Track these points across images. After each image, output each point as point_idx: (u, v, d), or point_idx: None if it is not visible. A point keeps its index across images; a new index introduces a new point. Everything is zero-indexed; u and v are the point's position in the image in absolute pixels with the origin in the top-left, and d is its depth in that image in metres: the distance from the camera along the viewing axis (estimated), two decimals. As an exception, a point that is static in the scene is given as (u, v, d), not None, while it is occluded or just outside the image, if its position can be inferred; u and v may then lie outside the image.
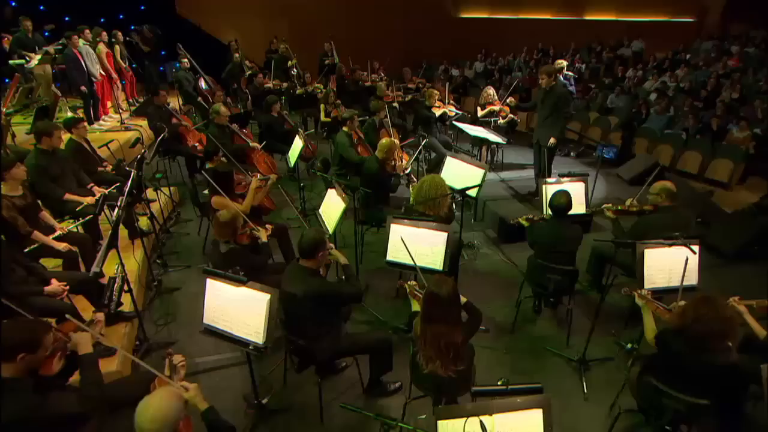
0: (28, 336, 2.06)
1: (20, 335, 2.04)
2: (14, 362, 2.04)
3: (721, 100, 8.94)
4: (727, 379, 2.42)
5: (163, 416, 1.71)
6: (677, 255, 3.24)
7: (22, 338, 2.04)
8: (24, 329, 2.08)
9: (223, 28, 11.49)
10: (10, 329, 2.05)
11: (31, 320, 2.26)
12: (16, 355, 2.02)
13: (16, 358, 2.03)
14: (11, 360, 2.03)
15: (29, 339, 2.05)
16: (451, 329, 2.42)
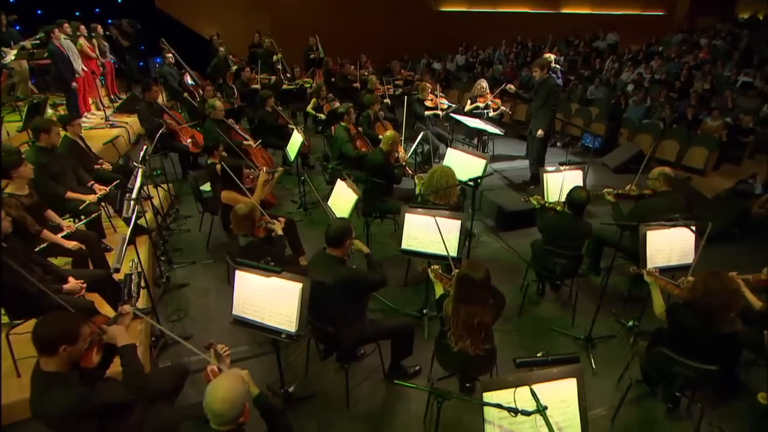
0: (67, 328, 2.09)
1: (59, 327, 2.07)
2: (57, 355, 2.07)
3: (694, 90, 9.40)
4: (731, 346, 2.65)
5: (233, 397, 1.78)
6: (676, 236, 3.48)
7: (61, 330, 2.07)
8: (61, 321, 2.11)
9: (203, 22, 11.30)
10: (48, 323, 2.09)
11: (65, 313, 2.29)
12: (58, 348, 2.06)
13: (58, 350, 2.06)
14: (54, 353, 2.06)
15: (68, 330, 2.09)
16: (483, 309, 2.56)
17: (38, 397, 2.05)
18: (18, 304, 3.07)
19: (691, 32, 13.39)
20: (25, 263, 3.11)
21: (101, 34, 8.47)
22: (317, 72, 9.78)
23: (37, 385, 2.08)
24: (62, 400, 2.03)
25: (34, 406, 2.10)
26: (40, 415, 2.09)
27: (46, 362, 2.07)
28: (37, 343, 2.04)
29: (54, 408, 2.02)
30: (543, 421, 2.01)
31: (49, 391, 2.04)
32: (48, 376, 2.07)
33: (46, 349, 2.04)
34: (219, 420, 1.79)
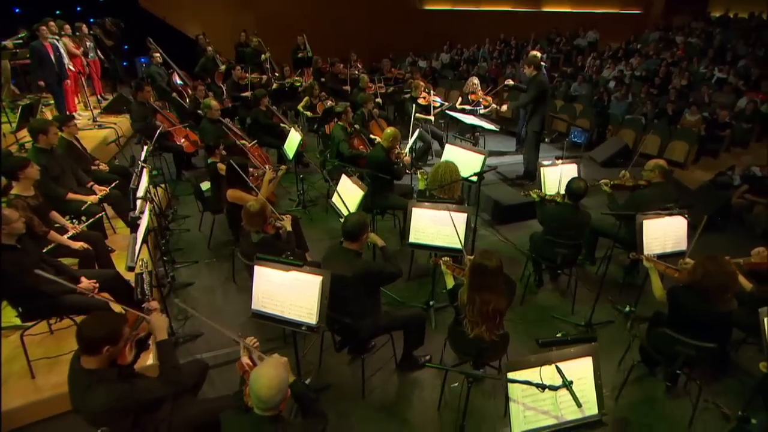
0: (111, 329, 2.14)
1: (104, 329, 2.12)
2: (100, 355, 2.12)
3: (673, 86, 9.76)
4: (727, 325, 2.84)
5: (278, 383, 1.87)
6: (670, 224, 3.69)
7: (106, 332, 2.12)
8: (106, 323, 2.16)
9: (187, 21, 11.19)
10: (94, 324, 2.13)
11: (109, 313, 2.32)
12: (102, 348, 2.11)
13: (102, 350, 2.11)
14: (98, 353, 2.11)
15: (112, 332, 2.14)
16: (498, 296, 2.69)
17: (81, 394, 2.10)
18: (32, 306, 3.08)
19: (667, 30, 13.85)
20: (38, 264, 3.12)
21: (85, 33, 8.35)
22: (306, 71, 9.80)
23: (79, 382, 2.12)
24: (105, 397, 2.08)
25: (77, 402, 2.14)
26: (82, 411, 2.13)
27: (88, 361, 2.12)
28: (81, 342, 2.09)
29: (97, 404, 2.07)
30: (566, 395, 2.16)
31: (92, 389, 2.08)
32: (89, 373, 2.11)
33: (91, 349, 2.09)
34: (264, 405, 1.87)
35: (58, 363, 3.35)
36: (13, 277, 2.92)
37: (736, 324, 3.25)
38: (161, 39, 8.62)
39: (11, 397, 3.11)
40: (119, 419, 2.18)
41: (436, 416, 3.25)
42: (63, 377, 3.25)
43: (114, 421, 2.17)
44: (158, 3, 10.73)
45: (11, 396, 3.11)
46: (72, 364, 2.21)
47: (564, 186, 4.06)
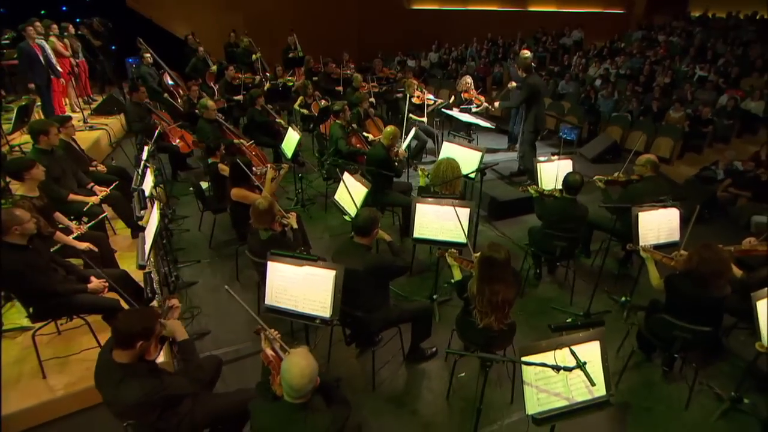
0: (146, 325, 2.21)
1: (139, 324, 2.18)
2: (133, 349, 2.17)
3: (657, 84, 10.05)
4: (722, 310, 3.01)
5: (310, 372, 1.95)
6: (663, 216, 3.86)
7: (142, 327, 2.18)
8: (141, 318, 2.22)
9: (175, 21, 11.12)
10: (130, 319, 2.19)
11: (143, 309, 2.37)
12: (136, 343, 2.17)
13: (135, 345, 2.17)
14: (131, 348, 2.17)
15: (147, 327, 2.21)
16: (507, 287, 2.81)
17: (113, 388, 2.15)
18: (44, 306, 3.10)
19: (650, 29, 14.21)
20: (49, 264, 3.14)
21: (72, 33, 8.26)
22: (297, 71, 9.84)
23: (111, 376, 2.17)
24: (138, 391, 2.14)
25: (108, 395, 2.19)
26: (114, 403, 2.18)
27: (120, 355, 2.17)
28: (117, 337, 2.14)
29: (130, 398, 2.12)
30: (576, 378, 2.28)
31: (125, 382, 2.14)
32: (122, 367, 2.17)
33: (125, 343, 2.15)
34: (296, 393, 1.95)
35: (68, 363, 3.39)
36: (26, 276, 2.94)
37: (728, 310, 3.43)
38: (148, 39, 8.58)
39: (24, 397, 3.13)
40: (147, 413, 2.24)
41: (446, 405, 3.36)
42: (74, 377, 3.32)
43: (142, 415, 2.23)
44: (145, 2, 10.65)
45: (24, 396, 3.13)
46: (102, 358, 2.26)
47: (560, 181, 4.21)
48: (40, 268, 3.02)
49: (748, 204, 6.60)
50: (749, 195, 6.67)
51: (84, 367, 3.35)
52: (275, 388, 2.16)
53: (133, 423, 2.30)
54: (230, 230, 5.43)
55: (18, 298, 3.19)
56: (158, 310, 2.59)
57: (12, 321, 3.68)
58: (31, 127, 4.15)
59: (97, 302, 3.24)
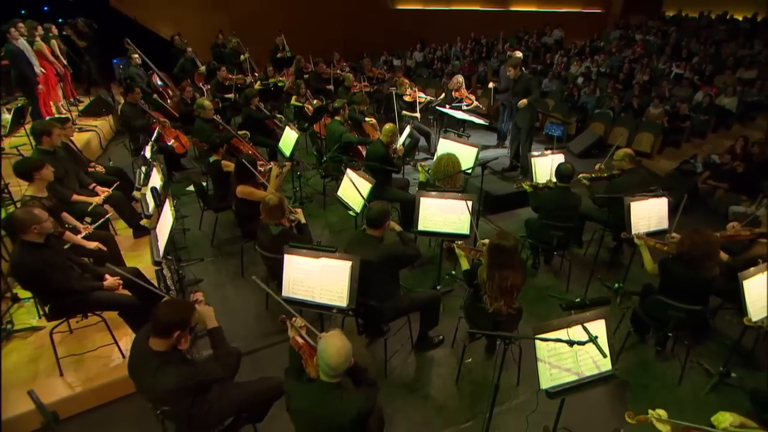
0: (184, 315, 2.31)
1: (178, 314, 2.29)
2: (170, 338, 2.27)
3: (636, 82, 10.44)
4: (710, 290, 3.25)
5: (346, 352, 2.09)
6: (653, 206, 4.10)
7: (180, 317, 2.29)
8: (179, 309, 2.32)
9: (160, 22, 11.06)
10: (169, 310, 2.29)
11: (181, 301, 2.46)
12: (174, 332, 2.27)
13: (173, 334, 2.27)
14: (168, 337, 2.27)
15: (184, 318, 2.31)
16: (515, 272, 2.99)
17: (151, 375, 2.24)
18: (62, 303, 3.15)
19: (627, 29, 14.68)
20: (66, 262, 3.20)
21: (56, 34, 8.17)
22: (286, 71, 9.89)
23: (149, 364, 2.26)
24: (175, 377, 2.24)
25: (146, 382, 2.28)
26: (152, 389, 2.27)
27: (157, 343, 2.27)
28: (157, 326, 2.24)
29: (168, 383, 2.22)
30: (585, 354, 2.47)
31: (162, 369, 2.23)
32: (159, 355, 2.27)
33: (164, 332, 2.24)
34: (333, 372, 2.08)
35: (84, 360, 3.44)
36: (46, 274, 2.99)
37: (714, 291, 3.67)
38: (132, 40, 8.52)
39: (42, 394, 3.13)
40: (182, 399, 2.33)
41: (456, 389, 3.52)
42: (90, 373, 3.38)
43: (177, 401, 2.32)
44: (129, 2, 10.55)
45: (42, 393, 3.13)
46: (138, 346, 2.35)
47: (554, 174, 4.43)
48: (58, 266, 3.08)
49: (725, 195, 6.96)
50: (726, 186, 7.03)
51: (100, 364, 3.41)
52: (309, 370, 2.28)
53: (167, 410, 2.40)
54: (232, 228, 5.51)
55: (36, 295, 3.23)
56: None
57: (22, 321, 3.70)
58: (33, 128, 4.16)
59: (113, 299, 3.30)
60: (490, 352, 3.81)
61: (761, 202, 6.20)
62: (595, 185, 4.80)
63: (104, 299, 3.26)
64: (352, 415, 2.07)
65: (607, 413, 3.32)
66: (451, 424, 3.25)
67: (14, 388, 3.17)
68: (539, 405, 3.09)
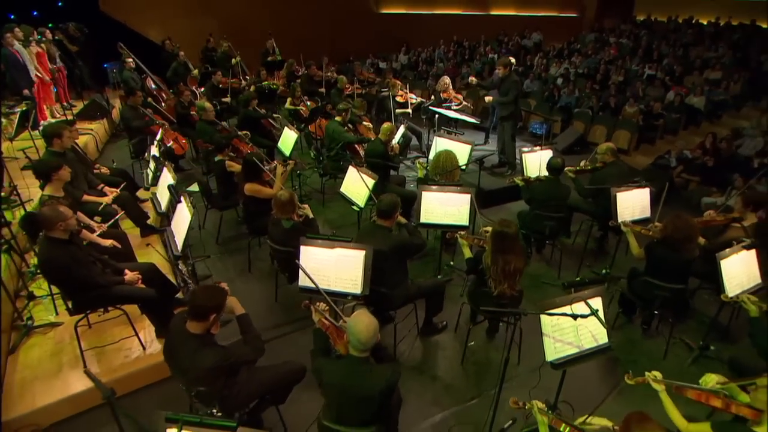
0: (219, 300, 2.45)
1: (214, 299, 2.42)
2: (206, 322, 2.40)
3: (612, 82, 10.83)
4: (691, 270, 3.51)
5: (374, 328, 2.25)
6: (636, 196, 4.36)
7: (216, 301, 2.43)
8: (215, 294, 2.45)
9: (149, 26, 10.99)
10: (206, 294, 2.42)
11: (215, 287, 2.57)
12: (210, 316, 2.40)
13: (209, 318, 2.40)
14: (205, 320, 2.40)
15: (219, 303, 2.45)
16: (517, 257, 3.19)
17: (190, 355, 2.36)
18: (86, 297, 3.22)
19: (601, 32, 15.17)
20: (88, 258, 3.27)
21: (50, 39, 8.11)
22: (277, 74, 9.96)
23: (187, 345, 2.39)
24: (212, 357, 2.37)
25: (184, 363, 2.40)
26: (190, 369, 2.39)
27: (195, 326, 2.40)
28: (195, 309, 2.37)
29: (206, 362, 2.35)
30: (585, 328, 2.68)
31: (200, 350, 2.36)
32: (196, 337, 2.40)
33: (201, 315, 2.37)
34: (363, 347, 2.24)
35: (106, 352, 3.52)
36: (71, 269, 3.07)
37: (693, 272, 3.94)
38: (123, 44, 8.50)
39: (68, 385, 3.24)
40: (216, 379, 2.46)
41: (461, 370, 3.71)
42: (113, 365, 3.46)
43: (213, 381, 2.44)
44: (119, 7, 10.46)
45: (68, 384, 3.24)
46: (175, 332, 2.47)
47: (543, 169, 4.67)
48: (82, 262, 3.16)
49: (698, 187, 7.35)
50: (698, 179, 7.43)
51: (122, 356, 3.49)
52: (338, 347, 2.44)
53: (201, 390, 2.52)
54: (236, 227, 5.61)
55: (62, 290, 3.29)
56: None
57: (41, 318, 3.75)
58: (44, 131, 4.20)
59: (134, 293, 3.38)
60: (490, 336, 4.01)
61: (730, 194, 6.56)
62: (580, 178, 5.05)
63: (126, 293, 3.35)
64: (382, 386, 2.24)
65: (601, 387, 3.55)
66: (458, 401, 3.43)
67: (39, 380, 3.25)
68: (541, 380, 3.31)
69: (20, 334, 3.56)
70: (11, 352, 3.44)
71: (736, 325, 4.12)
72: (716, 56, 11.55)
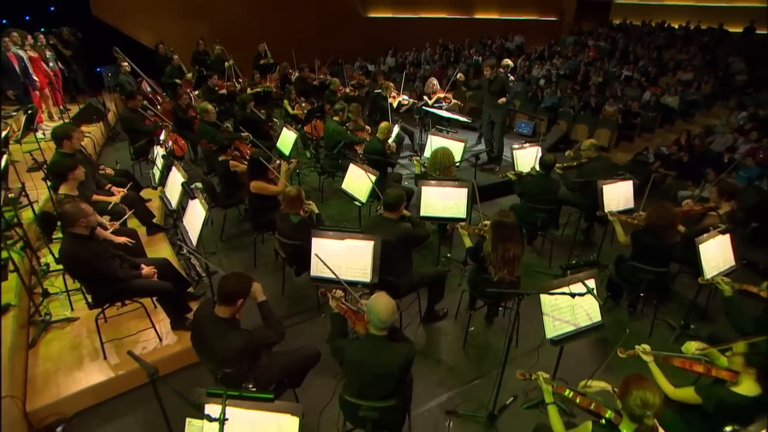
0: (245, 285, 2.59)
1: (241, 284, 2.56)
2: (233, 306, 2.53)
3: (592, 83, 11.18)
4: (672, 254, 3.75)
5: (392, 306, 2.41)
6: (620, 188, 4.61)
7: (243, 287, 2.57)
8: (241, 280, 2.59)
9: (140, 30, 10.96)
10: (233, 281, 2.55)
11: (241, 274, 2.68)
12: (237, 300, 2.53)
13: (236, 302, 2.53)
14: (233, 304, 2.53)
15: (246, 288, 2.59)
16: (515, 245, 3.38)
17: (219, 338, 2.49)
18: (107, 290, 3.30)
19: (580, 35, 15.58)
20: (108, 253, 3.36)
21: (45, 43, 8.06)
22: (269, 77, 10.04)
23: (217, 328, 2.51)
24: (240, 339, 2.50)
25: (214, 345, 2.52)
26: (219, 351, 2.51)
27: (223, 310, 2.52)
28: (224, 294, 2.50)
29: (235, 344, 2.48)
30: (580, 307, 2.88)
31: (229, 333, 2.50)
32: (225, 321, 2.53)
33: (229, 299, 2.51)
34: (383, 325, 2.39)
35: (124, 344, 3.60)
36: (93, 263, 3.15)
37: (674, 258, 4.18)
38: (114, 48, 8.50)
39: (89, 376, 3.32)
40: (243, 360, 2.59)
41: (463, 353, 3.89)
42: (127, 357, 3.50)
43: (240, 362, 2.57)
44: (110, 12, 10.41)
45: (89, 375, 3.32)
46: (204, 317, 2.59)
47: (532, 163, 4.91)
48: (103, 257, 3.24)
49: (674, 181, 7.68)
50: (674, 174, 7.76)
51: (140, 347, 3.58)
52: (358, 329, 2.59)
53: (228, 372, 2.64)
54: (238, 224, 5.71)
55: (84, 284, 3.36)
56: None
57: (57, 313, 3.81)
58: (54, 132, 4.25)
59: (152, 286, 3.48)
60: (489, 321, 4.20)
61: (704, 187, 6.89)
62: (567, 173, 5.30)
63: (144, 286, 3.44)
64: (401, 361, 2.40)
65: (593, 365, 3.72)
66: (462, 382, 3.61)
67: (61, 372, 3.32)
68: (539, 359, 3.51)
69: (39, 329, 3.62)
70: (31, 346, 3.50)
71: (713, 306, 4.39)
72: (688, 58, 12.00)
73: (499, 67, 6.40)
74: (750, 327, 3.01)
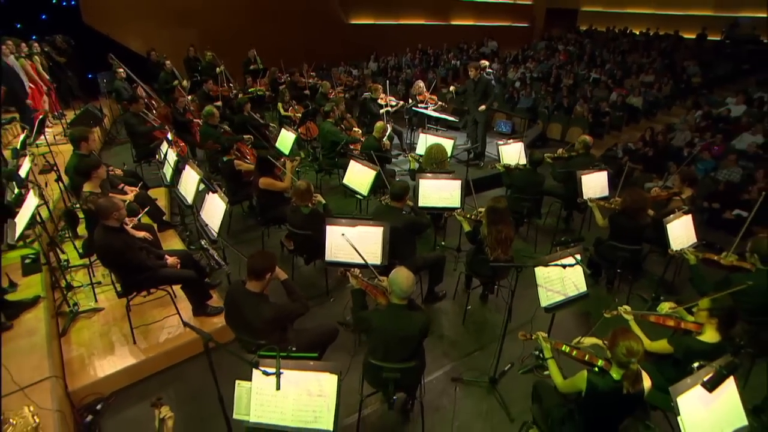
0: (272, 262, 2.82)
1: (268, 261, 2.79)
2: (263, 280, 2.77)
3: (564, 85, 11.71)
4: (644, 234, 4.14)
5: (412, 277, 2.68)
6: (597, 178, 5.00)
7: (269, 263, 2.79)
8: (268, 258, 2.82)
9: (130, 37, 10.94)
10: (261, 257, 2.78)
11: (267, 251, 2.91)
12: (266, 275, 2.76)
13: (265, 276, 2.76)
14: (262, 278, 2.76)
15: (272, 264, 2.82)
16: (508, 227, 3.70)
17: (253, 310, 2.73)
18: (136, 279, 3.47)
19: (550, 40, 16.21)
20: (137, 244, 3.53)
21: (39, 51, 8.04)
22: (259, 81, 10.18)
23: (249, 301, 2.76)
24: (271, 310, 2.74)
25: (248, 316, 2.75)
26: (254, 321, 2.74)
27: (254, 285, 2.76)
28: (255, 269, 2.73)
29: (268, 315, 2.71)
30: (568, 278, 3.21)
31: (261, 305, 2.73)
32: (256, 295, 2.77)
33: (259, 275, 2.73)
34: (404, 294, 2.67)
35: (151, 330, 3.77)
36: (125, 254, 3.33)
37: (645, 238, 4.58)
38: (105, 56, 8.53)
39: (122, 358, 3.48)
40: (274, 330, 2.82)
41: (463, 329, 4.19)
42: (159, 340, 3.72)
43: (273, 331, 2.80)
44: (101, 20, 10.37)
45: (122, 358, 3.48)
46: (237, 290, 2.84)
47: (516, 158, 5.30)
48: (133, 247, 3.41)
49: (641, 174, 8.19)
50: (641, 167, 8.27)
51: (166, 332, 3.76)
52: (380, 301, 2.86)
53: (261, 344, 2.86)
54: (242, 220, 5.88)
55: (116, 272, 3.52)
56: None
57: (84, 305, 3.94)
58: (71, 135, 4.36)
59: (178, 274, 3.66)
60: (484, 300, 4.52)
61: (667, 179, 7.41)
62: (556, 164, 5.69)
63: (170, 275, 3.62)
64: (421, 325, 2.67)
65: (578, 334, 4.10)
66: (464, 354, 3.91)
67: (96, 356, 3.48)
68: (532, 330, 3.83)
69: (68, 318, 3.75)
70: (62, 334, 3.63)
71: (678, 281, 4.83)
72: (649, 62, 12.68)
73: (482, 69, 6.75)
74: (711, 290, 3.39)
